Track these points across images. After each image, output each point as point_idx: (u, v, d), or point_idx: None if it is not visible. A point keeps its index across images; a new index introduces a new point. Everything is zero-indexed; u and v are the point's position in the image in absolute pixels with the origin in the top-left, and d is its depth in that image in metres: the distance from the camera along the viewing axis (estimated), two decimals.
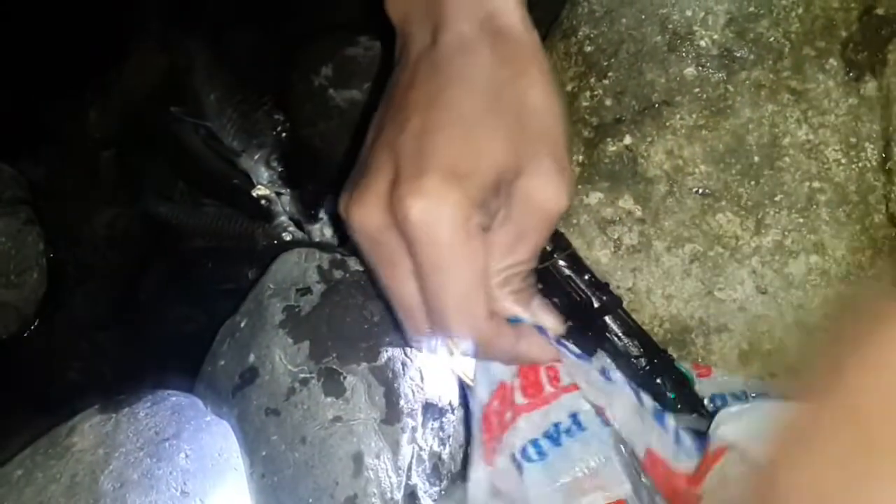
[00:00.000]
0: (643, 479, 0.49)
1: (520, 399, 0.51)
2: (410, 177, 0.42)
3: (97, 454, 0.56)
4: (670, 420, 0.49)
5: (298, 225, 0.93)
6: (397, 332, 0.64)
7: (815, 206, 0.60)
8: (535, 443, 0.50)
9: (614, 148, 0.63)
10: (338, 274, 0.67)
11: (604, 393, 0.50)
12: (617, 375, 0.50)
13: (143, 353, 0.86)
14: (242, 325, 0.68)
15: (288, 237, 0.92)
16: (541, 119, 0.45)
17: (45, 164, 0.96)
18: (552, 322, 0.49)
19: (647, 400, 0.50)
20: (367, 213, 0.44)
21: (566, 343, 0.50)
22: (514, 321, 0.48)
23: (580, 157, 0.64)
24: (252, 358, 0.66)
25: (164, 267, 0.92)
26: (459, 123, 0.43)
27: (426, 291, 0.44)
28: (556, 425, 0.49)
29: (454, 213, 0.41)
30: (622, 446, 0.50)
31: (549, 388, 0.51)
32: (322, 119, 0.93)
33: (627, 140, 0.63)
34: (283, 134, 0.95)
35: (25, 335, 0.88)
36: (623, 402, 0.49)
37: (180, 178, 0.96)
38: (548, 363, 0.50)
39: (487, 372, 0.51)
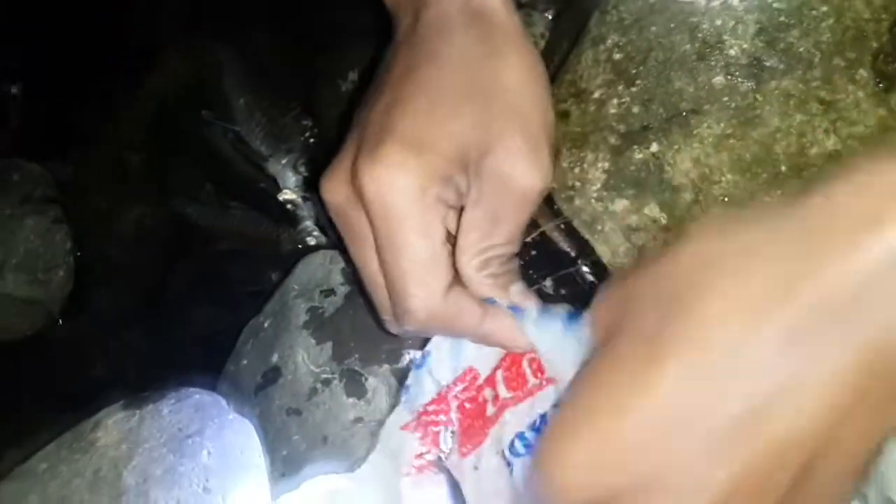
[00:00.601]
0: None
1: (504, 393, 0.49)
2: (370, 148, 0.42)
3: (121, 449, 0.57)
4: None
5: (323, 230, 0.93)
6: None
7: None
8: (521, 436, 0.48)
9: (641, 155, 0.63)
10: None
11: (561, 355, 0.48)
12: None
13: (167, 353, 0.86)
14: (266, 325, 0.69)
15: (312, 241, 0.92)
16: (513, 98, 0.45)
17: (74, 163, 0.97)
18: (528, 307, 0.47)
19: None
20: (332, 188, 0.44)
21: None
22: (490, 302, 0.47)
23: (606, 164, 0.64)
24: (275, 358, 0.66)
25: (190, 268, 0.93)
26: (425, 98, 0.43)
27: (383, 264, 0.44)
28: (543, 416, 0.47)
29: (408, 183, 0.41)
30: None
31: (533, 380, 0.48)
32: (349, 124, 0.94)
33: (654, 148, 0.63)
34: (311, 139, 0.96)
35: (52, 333, 0.89)
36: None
37: (208, 181, 0.97)
38: (518, 349, 0.48)
39: (456, 353, 0.50)
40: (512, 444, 0.48)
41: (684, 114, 0.62)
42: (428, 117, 0.42)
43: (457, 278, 0.45)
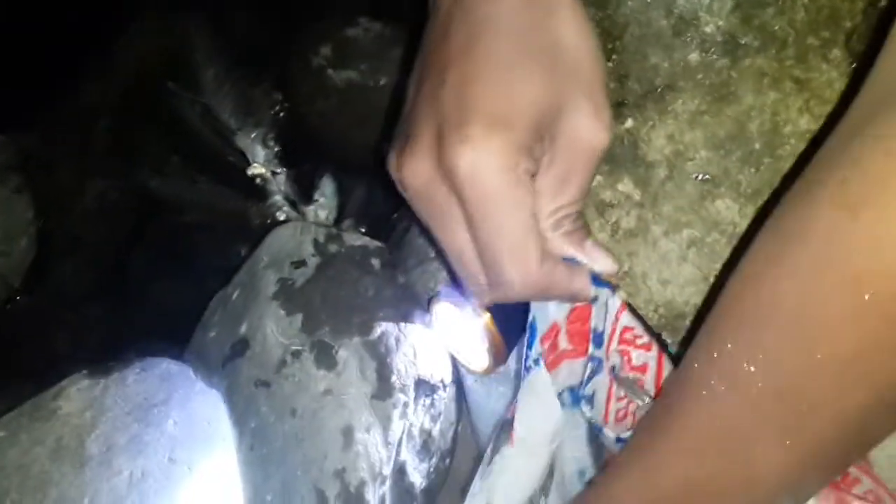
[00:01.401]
0: None
1: (564, 344, 0.51)
2: (454, 128, 0.42)
3: (84, 418, 0.55)
4: None
5: (293, 205, 0.92)
6: (391, 307, 0.64)
7: None
8: (570, 390, 0.51)
9: (616, 131, 0.63)
10: (333, 248, 0.66)
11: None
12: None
13: (130, 326, 0.85)
14: (235, 296, 0.68)
15: (282, 217, 0.91)
16: (574, 57, 0.45)
17: (38, 132, 0.95)
18: (605, 262, 0.48)
19: None
20: (415, 169, 0.44)
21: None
22: (567, 261, 0.48)
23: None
24: (244, 329, 0.65)
25: (155, 241, 0.92)
26: (496, 70, 0.43)
27: (478, 241, 0.44)
28: (590, 377, 0.50)
29: (500, 161, 0.41)
30: None
31: (572, 346, 0.51)
32: (320, 99, 0.93)
33: (629, 123, 0.63)
34: (281, 113, 0.95)
35: (11, 304, 0.87)
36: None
37: (175, 153, 0.95)
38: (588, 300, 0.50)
39: (544, 310, 0.51)
40: (560, 395, 0.51)
41: (660, 90, 0.62)
42: (505, 91, 0.43)
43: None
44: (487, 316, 0.56)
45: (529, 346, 0.50)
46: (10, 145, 0.93)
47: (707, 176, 0.62)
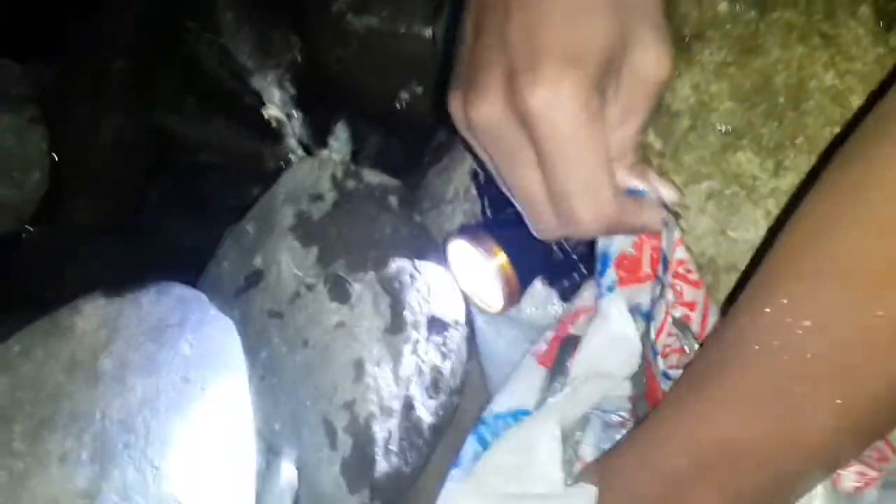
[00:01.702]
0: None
1: (646, 268, 0.52)
2: (526, 68, 0.42)
3: (98, 335, 0.56)
4: None
5: (307, 149, 0.92)
6: (407, 245, 0.64)
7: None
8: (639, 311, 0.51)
9: None
10: (351, 184, 0.66)
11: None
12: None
13: (143, 261, 0.85)
14: (249, 229, 0.68)
15: (295, 160, 0.91)
16: None
17: (56, 65, 0.94)
18: (669, 192, 0.50)
19: None
20: (486, 109, 0.44)
21: None
22: (631, 192, 0.48)
23: None
24: (258, 261, 0.65)
25: (169, 179, 0.92)
26: (561, 9, 0.43)
27: (551, 180, 0.44)
28: (637, 306, 0.51)
29: (574, 99, 0.41)
30: None
31: (645, 269, 0.51)
32: (339, 44, 0.92)
33: None
34: (298, 56, 0.94)
35: (24, 235, 0.87)
36: None
37: (191, 93, 0.95)
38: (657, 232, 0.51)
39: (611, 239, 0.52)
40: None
41: (687, 39, 0.62)
42: (572, 29, 0.42)
43: None
44: (502, 256, 0.56)
45: (602, 274, 0.50)
46: (28, 77, 0.92)
47: (730, 128, 0.62)
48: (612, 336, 0.50)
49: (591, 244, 0.55)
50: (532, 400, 0.51)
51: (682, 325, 0.50)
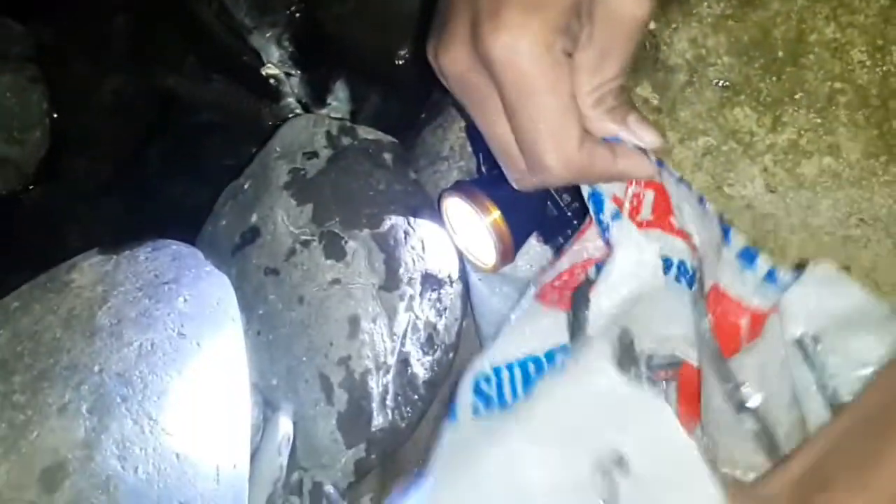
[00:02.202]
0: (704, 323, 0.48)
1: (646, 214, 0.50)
2: (489, 15, 0.41)
3: (96, 291, 0.56)
4: (758, 261, 0.49)
5: (306, 108, 0.92)
6: (402, 201, 0.64)
7: (834, 107, 0.59)
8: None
9: None
10: (346, 140, 0.66)
11: (693, 219, 0.49)
12: (710, 207, 0.49)
13: (142, 220, 0.86)
14: (246, 186, 0.68)
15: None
16: None
17: (56, 24, 0.94)
18: (651, 136, 0.48)
19: (735, 240, 0.49)
20: (453, 58, 0.44)
21: (664, 163, 0.49)
22: (610, 140, 0.47)
23: None
24: (254, 218, 0.65)
25: (169, 138, 0.92)
26: None
27: (517, 127, 0.44)
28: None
29: (536, 44, 0.41)
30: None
31: (646, 215, 0.49)
32: (337, 2, 0.91)
33: (651, 25, 0.62)
34: (297, 14, 0.93)
35: (25, 194, 0.88)
36: (709, 233, 0.49)
37: (190, 51, 0.94)
38: (646, 178, 0.49)
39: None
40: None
41: None
42: None
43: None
44: (497, 213, 0.56)
45: (599, 211, 0.49)
46: (29, 37, 0.92)
47: (727, 83, 0.61)
48: (632, 260, 0.48)
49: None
50: (551, 342, 0.49)
51: None
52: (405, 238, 0.63)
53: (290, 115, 0.90)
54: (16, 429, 0.52)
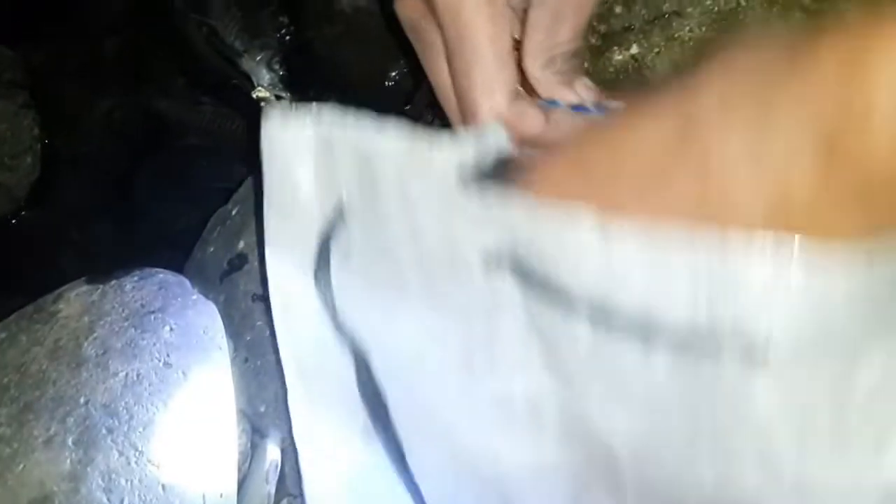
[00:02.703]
0: None
1: None
2: None
3: (82, 321, 0.56)
4: None
5: None
6: None
7: None
8: None
9: (620, 57, 0.62)
10: None
11: None
12: None
13: (134, 244, 0.86)
14: (234, 212, 0.68)
15: None
16: None
17: (46, 48, 0.94)
18: (593, 96, 0.49)
19: None
20: (406, 3, 0.46)
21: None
22: (553, 105, 0.48)
23: (584, 65, 0.63)
24: (241, 245, 0.66)
25: (159, 162, 0.92)
26: None
27: (454, 73, 0.46)
28: None
29: None
30: None
31: None
32: (327, 24, 0.92)
33: (634, 49, 0.62)
34: (287, 37, 0.94)
35: (16, 219, 0.88)
36: None
37: (180, 75, 0.95)
38: None
39: None
40: None
41: (667, 15, 0.62)
42: None
43: (524, 83, 0.47)
44: None
45: None
46: (18, 61, 0.92)
47: None
48: None
49: None
50: None
51: None
52: None
53: None
54: (1, 462, 0.52)
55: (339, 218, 0.50)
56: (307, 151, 0.50)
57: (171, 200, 0.88)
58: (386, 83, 0.91)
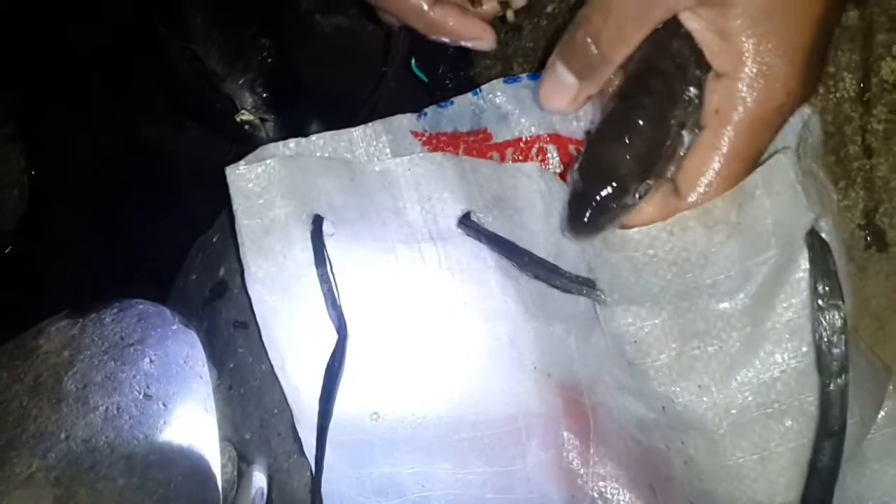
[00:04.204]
0: None
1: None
2: None
3: (62, 356, 0.56)
4: None
5: None
6: None
7: None
8: None
9: None
10: None
11: None
12: None
13: (121, 273, 0.86)
14: (215, 239, 0.68)
15: None
16: None
17: (30, 80, 0.95)
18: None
19: None
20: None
21: None
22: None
23: None
24: (222, 272, 0.66)
25: (146, 188, 0.92)
26: None
27: None
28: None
29: None
30: None
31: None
32: (307, 45, 0.92)
33: None
34: (269, 59, 0.94)
35: (4, 252, 0.89)
36: None
37: (164, 100, 0.95)
38: (475, 43, 0.57)
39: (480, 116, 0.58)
40: None
41: None
42: None
43: None
44: None
45: None
46: (3, 94, 0.93)
47: None
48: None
49: None
50: None
51: None
52: None
53: None
54: None
55: (319, 221, 0.56)
56: (273, 182, 0.55)
57: (158, 227, 0.89)
58: (367, 101, 0.91)
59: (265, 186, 0.56)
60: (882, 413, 0.55)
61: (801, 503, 0.49)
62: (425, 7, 0.54)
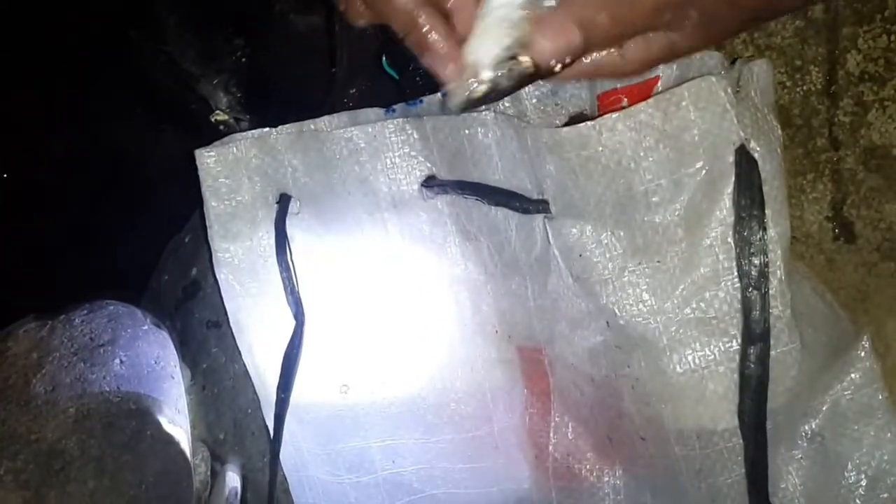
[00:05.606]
0: None
1: None
2: None
3: (30, 358, 0.56)
4: None
5: None
6: None
7: None
8: None
9: None
10: None
11: None
12: None
13: (97, 276, 0.85)
14: (187, 240, 0.68)
15: None
16: None
17: (1, 83, 0.94)
18: None
19: None
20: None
21: None
22: None
23: None
24: (194, 272, 0.66)
25: (121, 191, 0.91)
26: None
27: None
28: None
29: None
30: None
31: None
32: (282, 45, 0.92)
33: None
34: (243, 59, 0.93)
35: None
36: None
37: (139, 103, 0.94)
38: None
39: None
40: None
41: None
42: None
43: None
44: None
45: None
46: None
47: None
48: None
49: None
50: None
51: None
52: None
53: None
54: None
55: (286, 200, 0.59)
56: (241, 163, 0.60)
57: (134, 229, 0.88)
58: (344, 101, 0.91)
59: (233, 168, 0.60)
60: (859, 374, 0.56)
61: (738, 419, 0.50)
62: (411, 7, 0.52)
